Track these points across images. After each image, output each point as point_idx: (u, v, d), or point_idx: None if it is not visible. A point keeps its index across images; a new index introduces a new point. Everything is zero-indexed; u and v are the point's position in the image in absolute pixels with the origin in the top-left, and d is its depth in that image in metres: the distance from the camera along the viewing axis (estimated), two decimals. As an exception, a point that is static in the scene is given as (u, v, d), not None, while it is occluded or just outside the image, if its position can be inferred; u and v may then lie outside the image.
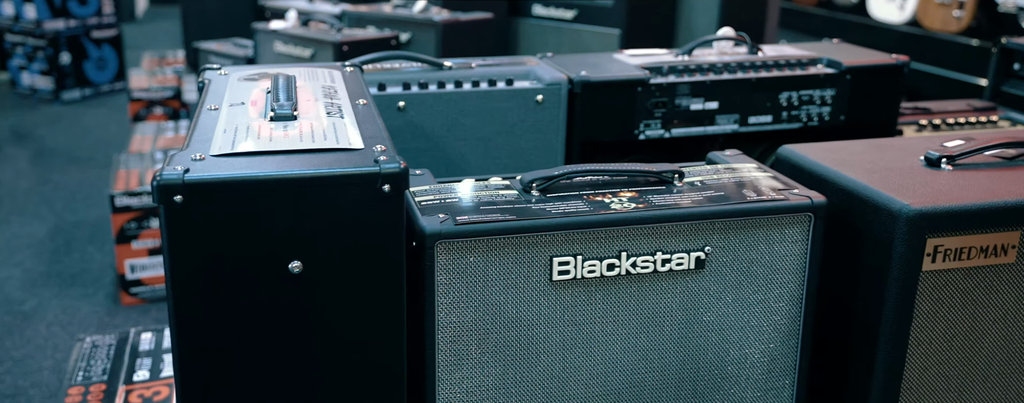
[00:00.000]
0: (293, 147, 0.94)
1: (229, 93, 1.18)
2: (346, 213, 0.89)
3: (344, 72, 1.35)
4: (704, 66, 1.70)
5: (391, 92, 1.53)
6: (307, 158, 0.91)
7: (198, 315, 0.89)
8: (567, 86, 1.60)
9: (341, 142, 0.96)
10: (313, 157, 0.92)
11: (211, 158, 0.90)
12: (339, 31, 2.56)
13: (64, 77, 4.63)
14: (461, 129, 1.57)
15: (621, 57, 1.77)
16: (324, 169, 0.88)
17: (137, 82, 3.78)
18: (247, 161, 0.90)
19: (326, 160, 0.91)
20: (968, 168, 1.23)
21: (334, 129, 1.01)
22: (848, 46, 1.90)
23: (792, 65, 1.73)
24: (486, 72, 1.61)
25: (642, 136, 1.67)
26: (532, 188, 1.14)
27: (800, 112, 1.73)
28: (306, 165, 0.89)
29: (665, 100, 1.66)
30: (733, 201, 1.11)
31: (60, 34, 4.58)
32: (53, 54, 4.57)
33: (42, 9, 4.50)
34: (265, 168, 0.88)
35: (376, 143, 0.97)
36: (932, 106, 1.95)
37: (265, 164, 0.89)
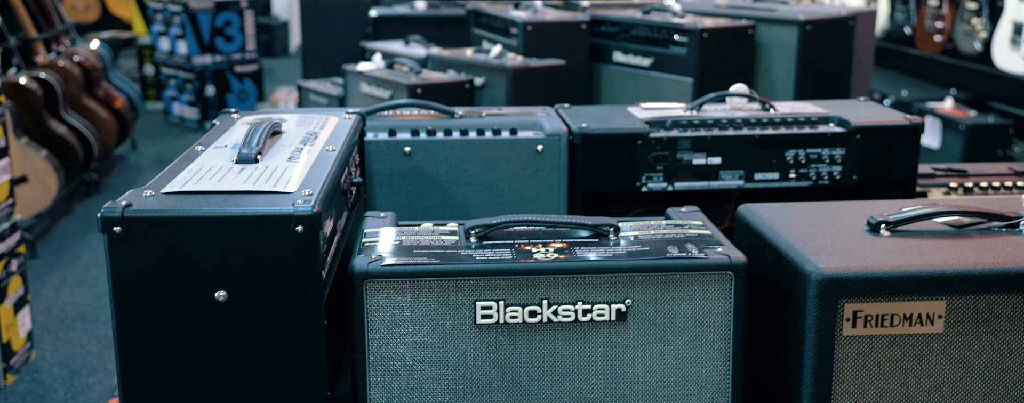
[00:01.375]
0: (235, 188, 1.09)
1: (225, 136, 1.35)
2: (263, 250, 1.03)
3: (342, 119, 1.50)
4: (708, 121, 1.75)
5: (400, 138, 1.67)
6: (240, 198, 1.06)
7: (137, 334, 1.04)
8: (567, 137, 1.70)
9: (278, 185, 1.10)
10: (246, 197, 1.06)
11: (161, 194, 1.06)
12: (417, 74, 2.74)
13: (208, 108, 5.08)
14: (465, 175, 1.69)
15: (634, 110, 1.84)
16: (243, 209, 1.02)
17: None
18: (186, 199, 1.05)
19: (253, 201, 1.05)
20: (907, 235, 1.24)
21: (281, 173, 1.15)
22: (872, 105, 1.89)
23: (800, 123, 1.75)
24: (493, 121, 1.72)
25: (645, 188, 1.74)
26: (471, 234, 1.24)
27: (809, 170, 1.74)
28: (233, 205, 1.03)
29: (666, 154, 1.72)
30: (653, 257, 1.18)
31: (207, 68, 5.03)
32: (200, 87, 5.02)
33: (192, 45, 4.97)
34: (196, 206, 1.02)
35: (308, 187, 1.10)
36: (969, 168, 1.90)
37: (200, 202, 1.04)
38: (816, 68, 2.88)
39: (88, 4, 8.54)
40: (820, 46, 2.86)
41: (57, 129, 3.55)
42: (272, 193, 1.07)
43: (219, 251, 1.02)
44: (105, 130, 3.95)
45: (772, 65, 2.94)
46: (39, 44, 3.86)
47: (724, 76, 2.92)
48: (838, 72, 2.94)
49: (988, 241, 1.22)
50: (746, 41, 2.92)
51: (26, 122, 3.44)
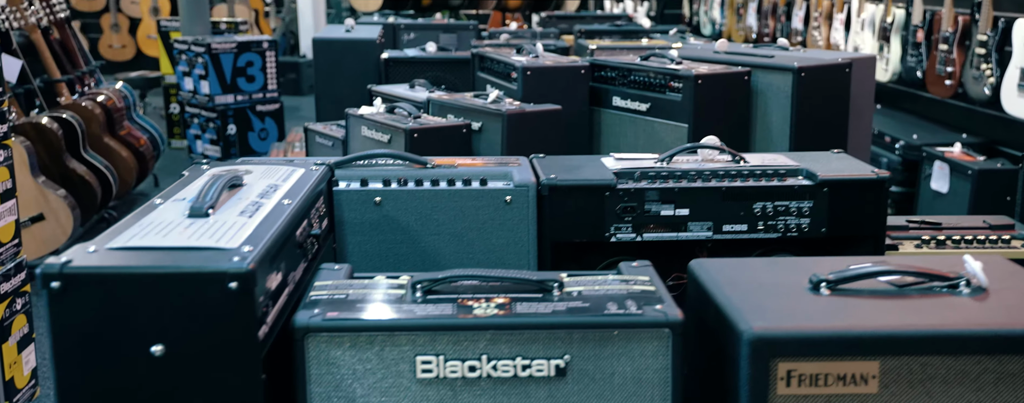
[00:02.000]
0: (178, 244, 1.13)
1: (186, 189, 1.40)
2: (199, 307, 1.07)
3: (308, 170, 1.55)
4: (677, 173, 1.77)
5: (371, 187, 1.72)
6: (179, 255, 1.10)
7: (77, 389, 1.08)
8: (535, 188, 1.73)
9: (221, 241, 1.14)
10: (185, 254, 1.11)
11: (104, 250, 1.11)
12: (416, 119, 2.79)
13: (229, 146, 5.19)
14: (435, 224, 1.72)
15: (607, 161, 1.87)
16: (178, 266, 1.06)
17: (275, 154, 4.20)
18: (128, 255, 1.10)
19: (192, 258, 1.09)
20: (847, 294, 1.25)
21: (228, 228, 1.19)
22: (844, 157, 1.90)
23: (768, 175, 1.77)
24: (464, 171, 1.76)
25: (614, 239, 1.76)
26: (418, 289, 1.27)
27: (777, 222, 1.75)
28: (170, 262, 1.08)
29: (634, 205, 1.74)
30: (592, 313, 1.20)
31: (228, 107, 5.15)
32: (221, 125, 5.14)
33: (214, 85, 5.09)
34: (134, 263, 1.07)
35: (251, 243, 1.14)
36: (945, 221, 1.90)
37: (139, 259, 1.08)
38: (812, 114, 2.88)
39: (124, 43, 8.79)
40: (815, 92, 2.87)
41: (76, 168, 3.65)
42: (212, 249, 1.11)
43: (155, 307, 1.06)
44: (125, 168, 4.05)
45: (768, 111, 2.95)
46: (62, 85, 3.98)
47: (720, 121, 2.93)
48: (835, 118, 2.94)
49: (926, 302, 1.22)
50: (742, 87, 2.94)
51: (45, 161, 3.55)
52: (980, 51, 3.97)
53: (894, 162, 4.22)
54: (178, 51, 5.22)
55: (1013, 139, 4.05)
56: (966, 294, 1.24)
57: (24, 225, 3.31)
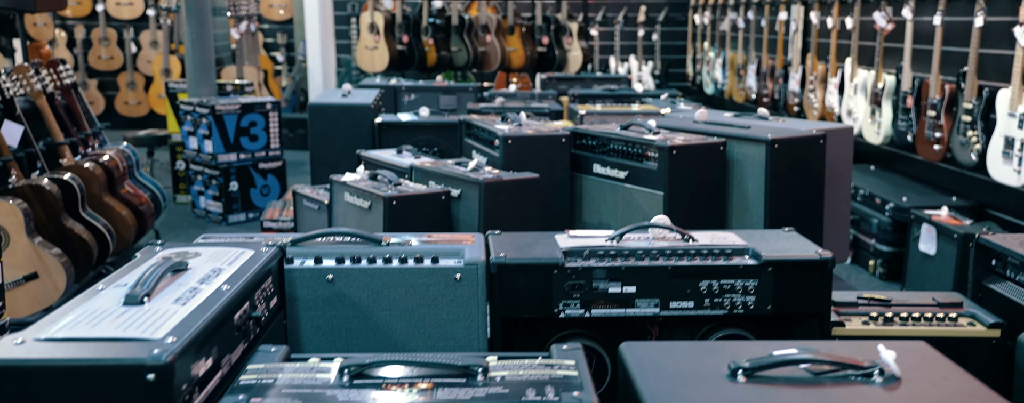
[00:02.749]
0: (106, 335, 1.18)
1: (131, 273, 1.45)
2: (118, 398, 1.11)
3: (257, 252, 1.60)
4: (625, 252, 1.81)
5: (324, 265, 1.77)
6: (103, 346, 1.15)
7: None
8: (485, 266, 1.77)
9: (147, 331, 1.19)
10: (109, 345, 1.15)
11: (32, 341, 1.16)
12: (395, 186, 2.86)
13: (231, 202, 5.28)
14: (386, 301, 1.77)
15: (560, 238, 1.91)
16: (98, 358, 1.11)
17: (271, 213, 4.28)
18: (53, 346, 1.14)
19: (114, 349, 1.14)
20: (762, 381, 1.27)
21: (159, 317, 1.24)
22: (794, 236, 1.94)
23: (714, 254, 1.80)
24: (416, 249, 1.81)
25: (562, 315, 1.79)
26: (346, 373, 1.31)
27: (723, 300, 1.78)
28: (92, 353, 1.12)
29: (582, 282, 1.78)
30: (511, 399, 1.23)
31: (231, 165, 5.25)
32: (223, 182, 5.24)
33: (218, 145, 5.20)
34: (56, 354, 1.12)
35: (177, 334, 1.19)
36: (894, 297, 1.92)
37: (63, 350, 1.13)
38: (786, 184, 2.92)
39: (139, 100, 8.99)
40: (789, 163, 2.91)
41: (73, 227, 3.74)
42: (136, 341, 1.16)
43: (76, 399, 1.10)
44: (123, 226, 4.14)
45: (745, 180, 3.00)
46: (65, 147, 4.09)
47: (695, 190, 2.98)
48: (809, 187, 2.98)
49: (837, 390, 1.25)
50: (717, 157, 2.98)
51: (43, 221, 3.64)
52: (966, 119, 4.01)
53: (884, 223, 4.24)
54: (184, 112, 5.35)
55: (1002, 203, 4.07)
56: (878, 383, 1.26)
57: (17, 283, 3.38)
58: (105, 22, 8.90)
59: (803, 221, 3.00)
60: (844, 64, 5.40)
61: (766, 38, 6.86)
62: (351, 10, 9.05)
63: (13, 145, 3.72)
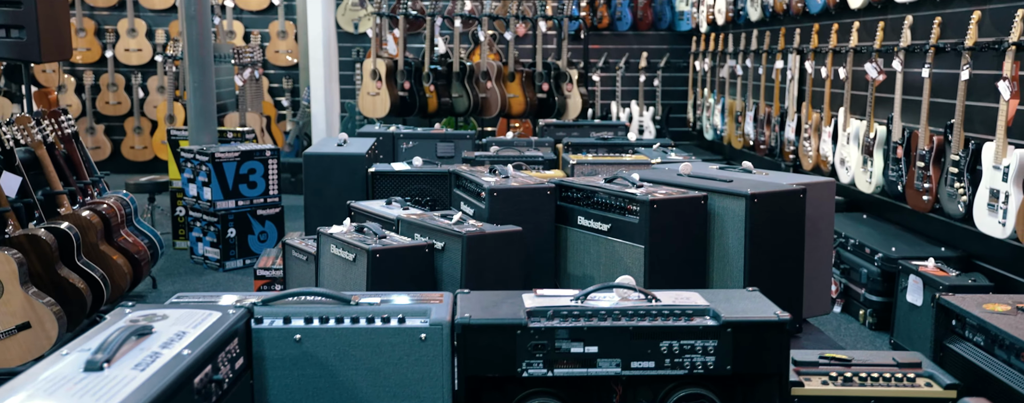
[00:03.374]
0: None
1: (96, 337, 1.50)
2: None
3: (224, 314, 1.64)
4: (588, 312, 1.84)
5: (293, 325, 1.81)
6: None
7: None
8: (449, 327, 1.81)
9: (102, 399, 1.23)
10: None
11: (-9, 409, 1.20)
12: (380, 239, 2.90)
13: (229, 249, 5.34)
14: (353, 360, 1.80)
15: (527, 297, 1.95)
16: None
17: (265, 261, 4.33)
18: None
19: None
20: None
21: (116, 383, 1.28)
22: (756, 297, 1.97)
23: (676, 315, 1.84)
24: (384, 309, 1.85)
25: (525, 374, 1.82)
26: (299, 436, 1.35)
27: (683, 360, 1.81)
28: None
29: (545, 343, 1.81)
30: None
31: (229, 212, 5.32)
32: (221, 229, 5.30)
33: (216, 192, 5.28)
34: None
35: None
36: (855, 356, 1.95)
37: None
38: (766, 238, 2.96)
39: (145, 145, 9.11)
40: (768, 217, 2.95)
41: (68, 276, 3.79)
42: (88, 408, 1.20)
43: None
44: (119, 274, 4.19)
45: (725, 234, 3.03)
46: (64, 197, 4.16)
47: (675, 243, 3.02)
48: (789, 241, 3.01)
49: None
50: (698, 211, 3.02)
51: (38, 270, 3.69)
52: (953, 170, 4.04)
53: (874, 273, 4.25)
54: (184, 159, 5.44)
55: (989, 254, 4.08)
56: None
57: (10, 333, 3.43)
58: (114, 68, 9.06)
59: (783, 275, 3.03)
60: (838, 113, 5.46)
61: (763, 85, 6.94)
62: (355, 56, 9.19)
63: (11, 195, 3.79)
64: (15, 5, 5.01)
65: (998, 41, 3.93)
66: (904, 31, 4.67)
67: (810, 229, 3.14)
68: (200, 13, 5.91)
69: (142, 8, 9.21)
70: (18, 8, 5.01)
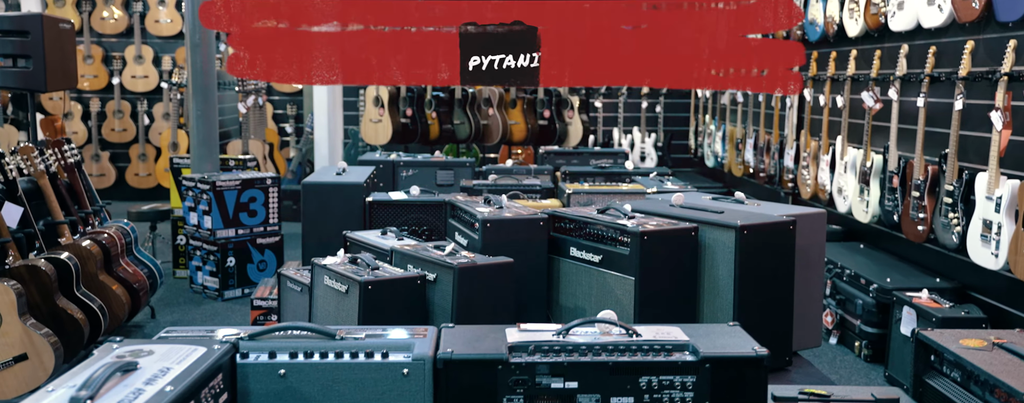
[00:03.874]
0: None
1: (82, 373, 1.52)
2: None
3: (209, 349, 1.67)
4: (569, 347, 1.86)
5: (277, 360, 1.83)
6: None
7: None
8: (432, 361, 1.83)
9: (81, 436, 1.26)
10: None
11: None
12: (373, 271, 2.93)
13: (228, 278, 5.37)
14: (337, 395, 1.82)
15: (510, 331, 1.97)
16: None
17: (262, 291, 4.36)
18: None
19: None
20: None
21: (96, 420, 1.31)
22: (737, 332, 1.99)
23: (655, 350, 1.85)
24: (368, 344, 1.87)
25: (507, 409, 1.84)
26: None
27: (662, 396, 1.83)
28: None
29: (525, 378, 1.83)
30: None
31: (229, 241, 5.36)
32: (221, 258, 5.33)
33: (217, 221, 5.32)
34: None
35: (109, 438, 1.25)
36: (835, 392, 1.96)
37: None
38: (755, 269, 2.97)
39: (150, 172, 9.19)
40: (758, 249, 2.96)
41: (67, 307, 3.83)
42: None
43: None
44: (117, 304, 4.22)
45: (716, 265, 3.05)
46: (64, 227, 4.21)
47: (666, 275, 3.03)
48: (779, 273, 3.02)
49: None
50: (688, 243, 3.04)
51: (37, 301, 3.73)
52: (948, 200, 4.06)
53: (869, 304, 4.26)
54: (185, 188, 5.49)
55: (983, 285, 4.09)
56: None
57: (7, 365, 3.46)
58: (120, 95, 9.16)
59: (773, 306, 3.04)
60: (835, 141, 5.49)
61: (763, 113, 6.98)
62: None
63: (12, 225, 3.83)
64: (22, 35, 5.10)
65: (991, 71, 3.96)
66: (900, 60, 4.71)
67: (801, 260, 3.15)
68: (204, 41, 5.99)
69: (149, 35, 9.32)
70: (25, 38, 5.10)
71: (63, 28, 5.30)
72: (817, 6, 5.79)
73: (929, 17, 4.33)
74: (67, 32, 5.38)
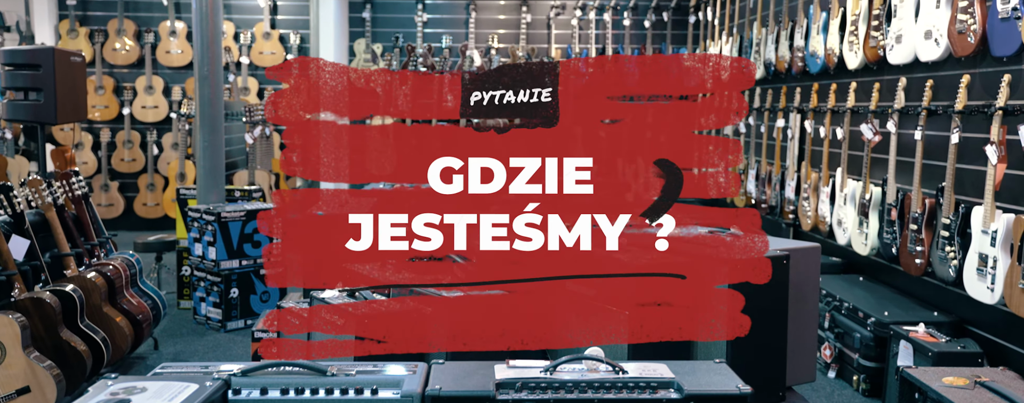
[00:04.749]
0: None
1: (76, 410, 1.56)
2: None
3: (202, 386, 1.71)
4: (556, 384, 1.89)
5: (270, 396, 1.87)
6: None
7: None
8: (420, 398, 1.86)
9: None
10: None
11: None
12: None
13: (231, 309, 5.41)
14: (327, 430, 1.86)
15: (499, 368, 2.00)
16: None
17: (263, 322, 4.39)
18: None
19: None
20: None
21: (86, 458, 1.35)
22: (722, 369, 2.02)
23: (640, 387, 1.88)
24: (359, 380, 1.91)
25: (495, 445, 1.87)
26: None
27: (649, 433, 1.86)
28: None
29: (513, 415, 1.86)
30: None
31: (233, 272, 5.40)
32: (224, 289, 5.38)
33: (221, 252, 5.37)
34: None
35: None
36: (822, 429, 1.98)
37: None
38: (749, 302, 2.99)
39: (157, 202, 9.27)
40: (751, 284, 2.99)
41: (70, 339, 3.87)
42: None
43: None
44: (120, 336, 4.26)
45: (710, 299, 3.07)
46: (70, 259, 4.26)
47: (661, 310, 3.05)
48: (771, 309, 3.04)
49: None
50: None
51: (41, 333, 3.77)
52: (944, 234, 4.08)
53: (867, 338, 4.26)
54: (191, 219, 5.55)
55: (980, 320, 4.09)
56: None
57: (10, 398, 3.49)
58: (130, 125, 9.26)
59: (766, 341, 3.06)
60: (835, 173, 5.51)
61: (765, 143, 7.02)
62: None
63: (19, 258, 3.89)
64: (34, 68, 5.20)
65: (986, 105, 3.99)
66: (898, 93, 4.75)
67: (794, 295, 3.17)
68: (212, 73, 6.07)
69: (160, 65, 9.45)
70: (37, 71, 5.19)
71: (74, 61, 5.40)
72: (818, 38, 5.85)
73: (926, 51, 4.38)
74: (78, 65, 5.47)
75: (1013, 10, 3.65)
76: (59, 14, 9.48)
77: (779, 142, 6.75)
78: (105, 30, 9.33)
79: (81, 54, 5.56)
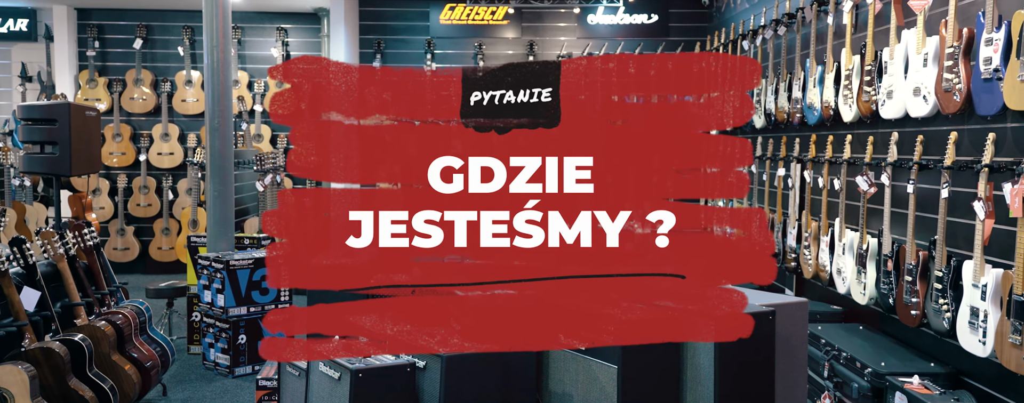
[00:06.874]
0: None
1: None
2: None
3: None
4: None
5: (257, 456, 1.95)
6: None
7: None
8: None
9: None
10: None
11: None
12: (364, 359, 3.06)
13: (239, 355, 5.50)
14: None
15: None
16: None
17: (267, 371, 4.47)
18: None
19: None
20: None
21: None
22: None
23: (613, 449, 1.95)
24: (343, 441, 1.99)
25: (473, 504, 1.94)
26: None
27: (620, 493, 1.92)
28: None
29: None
30: None
31: (241, 318, 5.51)
32: (232, 336, 5.48)
33: (229, 299, 5.48)
34: None
35: None
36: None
37: None
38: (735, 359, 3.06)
39: (172, 246, 9.42)
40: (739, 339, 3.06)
41: (78, 388, 3.97)
42: None
43: None
44: (128, 384, 4.36)
45: (697, 354, 3.15)
46: (80, 308, 4.38)
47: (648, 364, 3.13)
48: (759, 363, 3.11)
49: None
50: (670, 332, 3.14)
51: (50, 383, 3.87)
52: (937, 286, 4.13)
53: (864, 388, 4.30)
54: (201, 266, 5.67)
55: (976, 372, 4.12)
56: None
57: (18, 446, 3.59)
58: (146, 171, 9.45)
59: (754, 395, 3.13)
60: (834, 223, 5.58)
61: (767, 191, 7.09)
62: (376, 160, 9.51)
63: (30, 309, 4.01)
64: (50, 123, 5.37)
65: (974, 161, 4.07)
66: (891, 147, 4.83)
67: (782, 350, 3.24)
68: (223, 125, 6.24)
69: (176, 113, 9.66)
70: (53, 125, 5.36)
71: (89, 115, 5.57)
72: (815, 92, 5.95)
73: (916, 107, 4.47)
74: (93, 119, 5.64)
75: (995, 71, 3.74)
76: (79, 65, 9.73)
77: (780, 190, 6.82)
78: (123, 80, 9.57)
79: (96, 108, 5.74)
